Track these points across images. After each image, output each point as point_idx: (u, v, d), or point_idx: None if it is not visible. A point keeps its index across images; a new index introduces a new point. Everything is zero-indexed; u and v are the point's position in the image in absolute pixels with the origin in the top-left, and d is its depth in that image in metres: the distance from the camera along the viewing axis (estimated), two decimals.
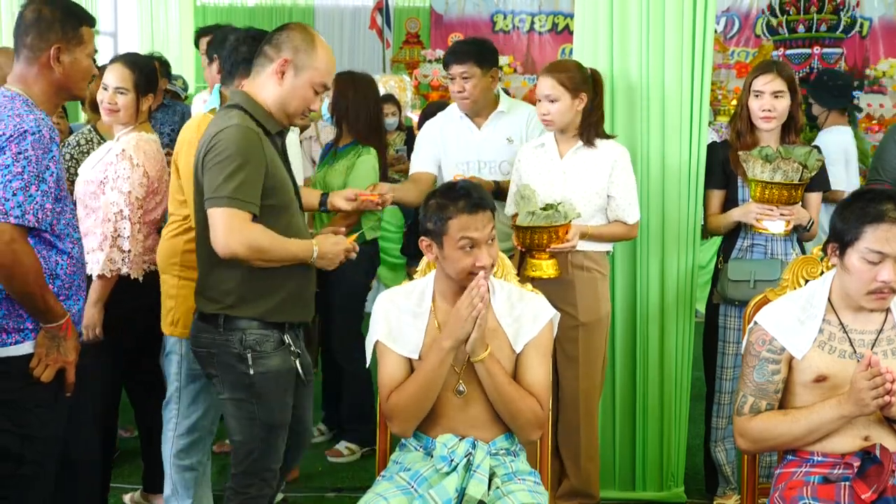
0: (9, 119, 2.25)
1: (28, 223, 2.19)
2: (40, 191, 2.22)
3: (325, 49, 2.57)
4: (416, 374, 2.32)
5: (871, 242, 2.18)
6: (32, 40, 2.36)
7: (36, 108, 2.32)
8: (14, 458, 2.31)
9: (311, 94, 2.55)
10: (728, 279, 3.27)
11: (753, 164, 3.11)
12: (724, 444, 3.42)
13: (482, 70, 3.55)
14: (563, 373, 3.21)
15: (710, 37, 3.35)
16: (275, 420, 2.56)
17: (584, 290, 3.16)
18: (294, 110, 2.57)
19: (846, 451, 2.25)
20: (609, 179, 3.15)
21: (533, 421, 2.35)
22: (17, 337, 2.28)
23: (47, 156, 2.25)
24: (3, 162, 2.20)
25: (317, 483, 3.80)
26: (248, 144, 2.43)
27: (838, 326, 2.30)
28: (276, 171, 2.50)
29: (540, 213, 2.93)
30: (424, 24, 11.75)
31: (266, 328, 2.51)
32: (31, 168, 2.21)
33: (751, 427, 2.33)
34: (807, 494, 2.21)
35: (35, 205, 2.21)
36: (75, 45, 2.38)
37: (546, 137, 3.26)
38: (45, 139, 2.25)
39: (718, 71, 9.94)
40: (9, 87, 2.38)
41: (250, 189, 2.40)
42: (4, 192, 2.18)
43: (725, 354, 3.37)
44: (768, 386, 2.32)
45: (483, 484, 2.26)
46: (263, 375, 2.51)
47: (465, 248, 2.29)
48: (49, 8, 2.36)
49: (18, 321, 2.28)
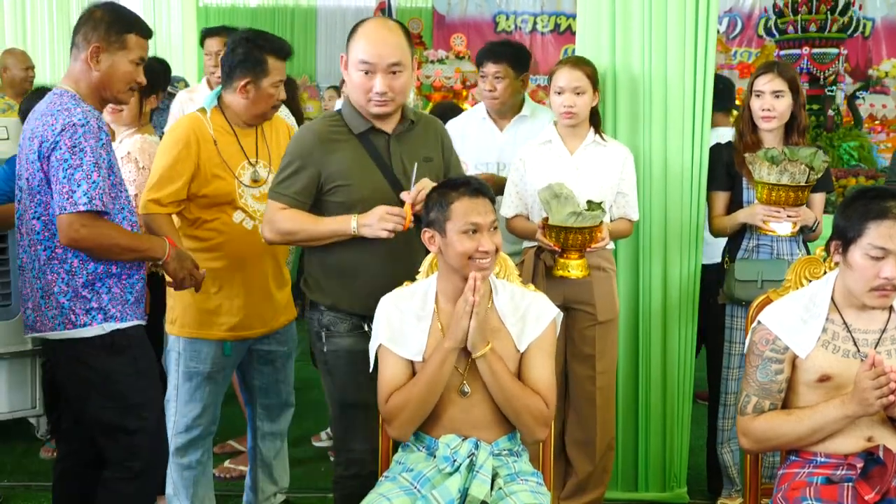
0: (59, 114, 2.42)
1: (97, 207, 2.39)
2: (100, 176, 2.41)
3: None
4: (418, 377, 2.32)
5: (874, 238, 2.19)
6: (79, 38, 2.52)
7: (83, 102, 2.48)
8: (121, 429, 2.54)
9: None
10: (735, 279, 3.27)
11: (760, 167, 3.10)
12: (731, 445, 3.42)
13: (515, 73, 3.63)
14: (579, 371, 3.22)
15: (713, 37, 3.35)
16: (346, 398, 2.64)
17: (601, 289, 3.17)
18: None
19: (849, 452, 2.25)
20: (620, 176, 3.17)
21: (539, 418, 2.34)
22: (86, 319, 2.49)
23: (98, 144, 2.43)
24: (61, 156, 2.39)
25: (320, 484, 3.80)
26: (300, 145, 2.62)
27: (842, 325, 2.29)
28: (345, 171, 2.57)
29: (587, 214, 2.89)
30: (427, 24, 11.76)
31: (341, 312, 2.62)
32: (88, 157, 2.39)
33: (754, 427, 2.33)
34: (810, 495, 2.21)
35: (99, 190, 2.40)
36: (116, 49, 2.51)
37: (551, 134, 3.25)
38: (94, 128, 2.42)
39: (721, 71, 9.94)
40: (59, 85, 2.54)
41: (290, 182, 2.59)
42: (70, 185, 2.37)
43: (731, 355, 3.37)
44: (772, 385, 2.32)
45: (486, 484, 2.26)
46: (335, 353, 2.66)
47: (468, 232, 2.29)
48: (102, 11, 2.52)
49: (85, 303, 2.48)
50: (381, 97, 2.55)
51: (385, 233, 2.47)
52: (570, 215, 2.88)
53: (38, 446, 4.15)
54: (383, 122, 2.62)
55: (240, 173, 2.97)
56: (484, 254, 2.29)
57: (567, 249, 2.98)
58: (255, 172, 2.99)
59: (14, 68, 5.63)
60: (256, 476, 3.31)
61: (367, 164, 2.60)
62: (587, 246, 2.97)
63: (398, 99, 2.58)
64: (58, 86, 2.54)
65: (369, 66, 2.53)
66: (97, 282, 2.50)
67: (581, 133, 3.20)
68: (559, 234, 2.93)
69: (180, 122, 3.08)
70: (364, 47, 2.55)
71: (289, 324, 3.18)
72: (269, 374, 3.20)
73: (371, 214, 2.50)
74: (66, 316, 2.49)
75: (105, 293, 2.51)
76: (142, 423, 2.57)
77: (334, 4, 11.86)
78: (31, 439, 4.27)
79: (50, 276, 2.49)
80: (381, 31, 2.59)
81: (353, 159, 2.59)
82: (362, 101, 2.58)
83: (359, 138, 2.61)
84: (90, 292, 2.49)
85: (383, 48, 2.54)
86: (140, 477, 2.58)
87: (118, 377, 2.53)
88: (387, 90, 2.54)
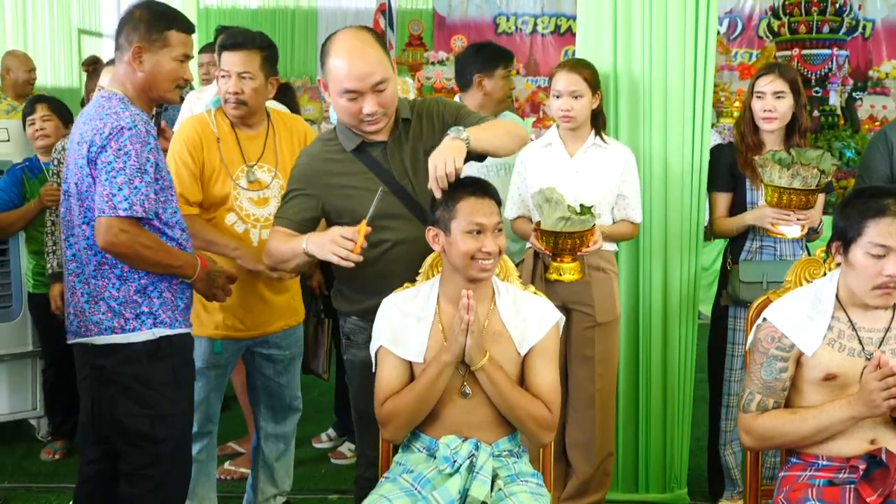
0: (107, 118, 2.41)
1: (136, 214, 2.38)
2: (144, 182, 2.39)
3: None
4: (415, 384, 2.32)
5: (874, 236, 2.18)
6: (121, 40, 2.50)
7: (131, 105, 2.47)
8: (149, 438, 2.52)
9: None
10: (740, 281, 3.27)
11: (770, 170, 3.08)
12: (733, 446, 3.42)
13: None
14: (579, 373, 3.22)
15: (713, 38, 3.35)
16: (360, 407, 2.63)
17: (601, 291, 3.17)
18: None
19: (852, 455, 2.24)
20: (621, 178, 3.17)
21: (542, 424, 2.34)
22: (135, 324, 2.48)
23: (145, 148, 2.41)
24: (106, 159, 2.38)
25: (320, 485, 3.80)
26: (300, 172, 2.58)
27: (847, 324, 2.28)
28: (347, 191, 2.51)
29: (576, 219, 2.87)
30: (427, 25, 11.76)
31: (364, 322, 2.58)
32: (132, 162, 2.38)
33: (757, 424, 2.32)
34: (812, 496, 2.21)
35: (140, 195, 2.38)
36: (159, 48, 2.49)
37: (552, 136, 3.25)
38: (141, 133, 2.41)
39: (721, 72, 9.95)
40: (108, 89, 2.54)
41: (288, 206, 2.55)
42: (111, 188, 2.36)
43: (735, 356, 3.37)
44: (776, 384, 2.31)
45: (486, 485, 2.25)
46: (352, 363, 2.67)
47: (472, 232, 2.29)
48: (141, 10, 2.50)
49: (135, 308, 2.48)
50: (371, 117, 2.46)
51: (335, 258, 2.28)
52: (559, 220, 2.88)
53: (39, 448, 4.16)
54: (375, 134, 2.53)
55: (238, 175, 2.97)
56: (486, 255, 2.29)
57: (559, 253, 2.98)
58: (251, 173, 2.99)
59: (17, 70, 5.62)
60: (258, 476, 3.31)
61: (368, 177, 2.52)
62: (578, 250, 2.97)
63: (389, 111, 2.49)
64: (106, 89, 2.53)
65: (355, 93, 2.41)
66: (150, 286, 2.50)
67: (582, 135, 3.20)
68: (550, 238, 2.94)
69: (186, 122, 3.09)
70: (345, 73, 2.40)
71: (290, 328, 3.17)
72: (271, 377, 3.19)
73: (324, 234, 2.36)
74: (114, 320, 2.47)
75: (157, 298, 2.50)
76: (171, 433, 2.55)
77: (335, 6, 11.86)
78: (31, 441, 4.28)
79: (100, 281, 2.48)
80: (357, 48, 2.41)
81: (352, 177, 2.53)
82: (353, 123, 2.49)
83: (354, 154, 2.55)
84: (142, 297, 2.49)
85: (364, 68, 2.39)
86: (161, 489, 2.55)
87: (155, 385, 2.51)
88: (376, 109, 2.44)
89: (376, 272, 2.50)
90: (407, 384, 2.35)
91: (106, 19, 9.75)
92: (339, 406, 4.23)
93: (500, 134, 2.51)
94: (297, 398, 3.31)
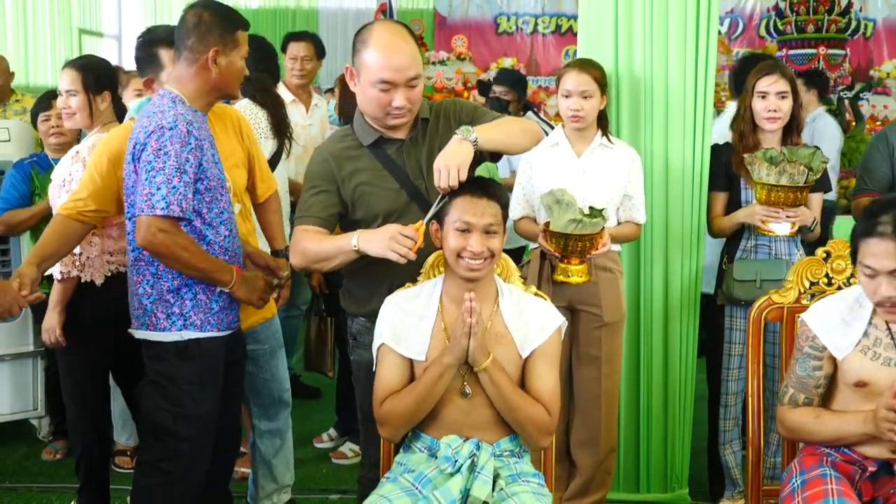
0: (153, 116, 2.45)
1: (173, 213, 2.40)
2: (182, 182, 2.41)
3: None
4: (415, 385, 2.32)
5: (864, 257, 2.17)
6: (193, 43, 2.53)
7: (180, 105, 2.50)
8: (171, 434, 2.55)
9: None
10: (734, 279, 3.27)
11: (759, 167, 3.10)
12: (732, 446, 3.42)
13: None
14: (585, 373, 3.21)
15: (714, 37, 3.35)
16: (366, 408, 2.61)
17: (608, 291, 3.17)
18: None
19: (871, 456, 2.25)
20: (627, 178, 3.17)
21: (541, 428, 2.34)
22: (166, 324, 2.53)
23: (185, 148, 2.43)
24: (146, 158, 2.41)
25: (321, 485, 3.80)
26: (317, 169, 2.56)
27: (885, 332, 2.26)
28: (362, 186, 2.51)
29: (587, 222, 2.86)
30: (428, 25, 11.76)
31: (371, 323, 2.55)
32: (172, 161, 2.40)
33: (787, 418, 2.36)
34: (826, 464, 2.26)
35: (178, 195, 2.40)
36: (231, 49, 2.56)
37: (558, 136, 3.25)
38: (182, 133, 2.43)
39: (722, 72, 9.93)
40: (165, 87, 2.58)
41: (311, 203, 2.52)
42: (150, 188, 2.39)
43: (731, 356, 3.37)
44: (809, 381, 2.33)
45: (487, 485, 2.25)
46: (358, 364, 2.67)
47: (460, 230, 2.28)
48: (209, 13, 2.54)
49: (167, 308, 2.52)
50: (399, 111, 2.46)
51: (394, 255, 2.29)
52: (570, 222, 2.86)
53: (40, 448, 4.16)
54: (396, 130, 2.53)
55: None
56: (472, 254, 2.27)
57: (568, 255, 2.97)
58: None
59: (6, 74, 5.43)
60: (257, 473, 3.33)
61: (382, 174, 2.52)
62: (588, 252, 2.96)
63: (415, 109, 2.50)
64: (164, 87, 2.58)
65: (390, 84, 2.41)
66: (183, 287, 2.51)
67: (588, 136, 3.20)
68: (560, 239, 2.92)
69: (119, 131, 3.03)
70: (382, 63, 2.40)
71: (265, 322, 3.16)
72: (255, 373, 3.19)
73: (379, 231, 2.37)
74: (147, 317, 2.53)
75: (189, 299, 2.52)
76: (192, 433, 2.57)
77: (335, 6, 11.87)
78: (32, 441, 4.27)
79: (136, 277, 2.53)
80: (395, 42, 2.42)
81: (367, 172, 2.53)
82: (380, 115, 2.48)
83: (370, 150, 2.55)
84: (174, 297, 2.51)
85: (401, 61, 2.40)
86: (173, 486, 2.57)
87: (181, 383, 2.54)
88: (405, 103, 2.44)
89: (387, 271, 2.49)
90: (407, 383, 2.35)
91: (106, 19, 9.74)
92: (341, 406, 4.23)
93: (514, 131, 2.53)
94: (285, 391, 3.32)
